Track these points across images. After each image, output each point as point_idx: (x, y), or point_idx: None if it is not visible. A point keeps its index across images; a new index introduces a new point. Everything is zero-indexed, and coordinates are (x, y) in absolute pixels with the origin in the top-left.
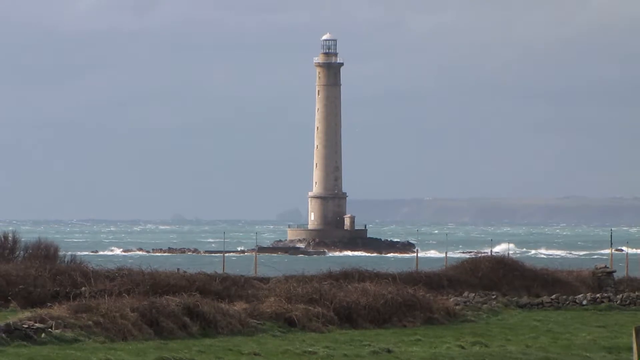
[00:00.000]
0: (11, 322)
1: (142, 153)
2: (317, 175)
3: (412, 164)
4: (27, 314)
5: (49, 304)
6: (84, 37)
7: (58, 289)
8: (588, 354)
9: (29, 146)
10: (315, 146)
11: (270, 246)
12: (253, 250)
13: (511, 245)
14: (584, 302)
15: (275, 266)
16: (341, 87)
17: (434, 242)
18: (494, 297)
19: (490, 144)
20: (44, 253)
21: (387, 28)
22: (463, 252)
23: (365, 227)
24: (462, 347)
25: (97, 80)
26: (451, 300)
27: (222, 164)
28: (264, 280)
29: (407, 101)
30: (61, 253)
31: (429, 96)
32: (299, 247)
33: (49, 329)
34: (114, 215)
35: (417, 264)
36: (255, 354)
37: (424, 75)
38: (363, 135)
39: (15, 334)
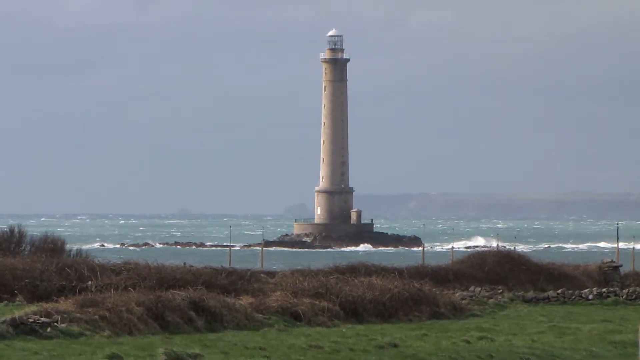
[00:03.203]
0: (17, 317)
1: (149, 148)
2: (323, 170)
3: (419, 159)
4: (33, 308)
5: (55, 298)
6: (87, 33)
7: (64, 283)
8: (594, 349)
9: (33, 142)
10: (322, 141)
11: (277, 240)
12: (259, 244)
13: (482, 240)
14: (590, 297)
15: (281, 260)
16: (347, 82)
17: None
18: (500, 291)
19: (497, 140)
20: (51, 247)
21: (392, 24)
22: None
23: (372, 221)
24: (468, 342)
25: (102, 76)
26: (457, 294)
27: (229, 159)
28: (270, 274)
29: (413, 97)
30: (67, 247)
31: (436, 92)
32: (305, 242)
33: (55, 323)
34: (120, 209)
35: (423, 258)
36: (260, 349)
37: (430, 71)
38: (370, 131)
39: (21, 328)
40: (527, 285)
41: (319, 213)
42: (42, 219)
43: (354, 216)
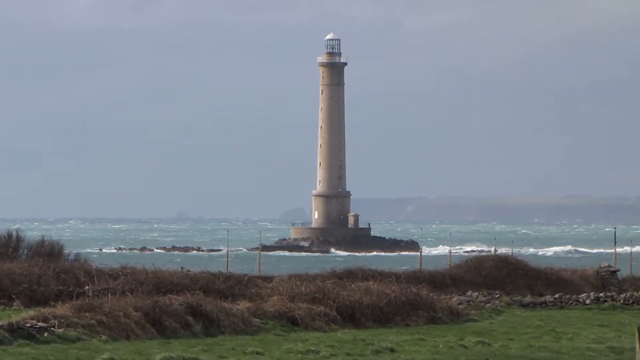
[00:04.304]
0: (14, 321)
1: (146, 152)
2: (321, 174)
3: (417, 163)
4: (30, 312)
5: (52, 303)
6: (85, 35)
7: (61, 287)
8: (591, 354)
9: (30, 145)
10: (319, 145)
11: (274, 245)
12: (257, 248)
13: (478, 244)
14: (587, 302)
15: (279, 265)
16: (345, 86)
17: (434, 240)
18: (497, 296)
19: (495, 143)
20: (48, 251)
21: (390, 27)
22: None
23: (369, 225)
24: (465, 347)
25: (99, 78)
26: (454, 299)
27: (227, 162)
28: (268, 279)
29: (411, 100)
30: (65, 251)
31: (433, 95)
32: (302, 246)
33: (52, 328)
34: (118, 213)
35: (420, 263)
36: (258, 353)
37: (428, 74)
38: (367, 134)
39: (18, 333)
40: (524, 290)
41: (316, 217)
42: (35, 223)
43: (351, 220)
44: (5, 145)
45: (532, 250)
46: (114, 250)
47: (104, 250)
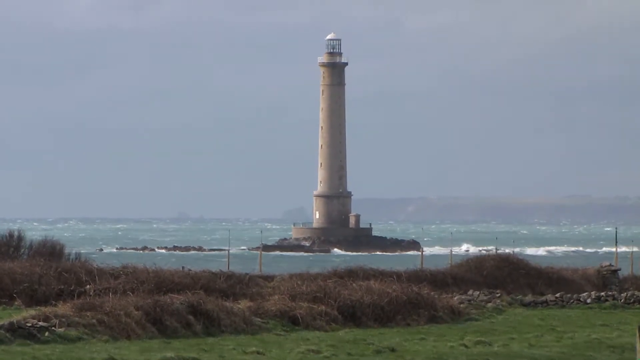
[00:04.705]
0: (14, 321)
1: (146, 152)
2: (321, 174)
3: (417, 163)
4: (31, 312)
5: (53, 302)
6: (85, 35)
7: (62, 287)
8: (592, 353)
9: (30, 145)
10: (320, 145)
11: (276, 244)
12: (258, 248)
13: (469, 245)
14: (588, 301)
15: (280, 264)
16: (345, 86)
17: (431, 240)
18: (498, 295)
19: (495, 143)
20: (49, 251)
21: (391, 28)
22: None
23: (370, 225)
24: (466, 346)
25: (99, 78)
26: (455, 298)
27: (228, 162)
28: (269, 278)
29: (411, 100)
30: (66, 251)
31: (434, 95)
32: (303, 246)
33: (53, 328)
34: (118, 213)
35: (422, 262)
36: (258, 353)
37: (429, 75)
38: (368, 135)
39: (18, 332)
40: (525, 289)
41: (317, 217)
42: (35, 223)
43: (352, 220)
44: (5, 145)
45: (529, 249)
46: (115, 250)
47: (104, 251)
